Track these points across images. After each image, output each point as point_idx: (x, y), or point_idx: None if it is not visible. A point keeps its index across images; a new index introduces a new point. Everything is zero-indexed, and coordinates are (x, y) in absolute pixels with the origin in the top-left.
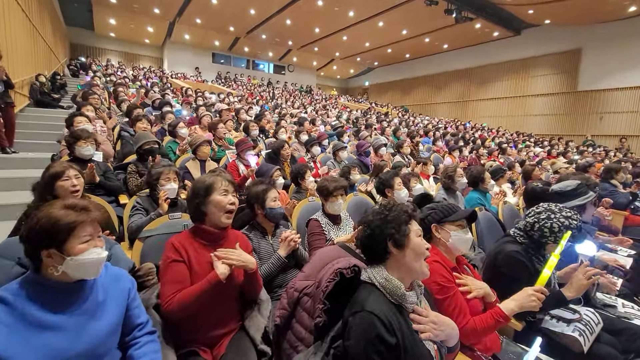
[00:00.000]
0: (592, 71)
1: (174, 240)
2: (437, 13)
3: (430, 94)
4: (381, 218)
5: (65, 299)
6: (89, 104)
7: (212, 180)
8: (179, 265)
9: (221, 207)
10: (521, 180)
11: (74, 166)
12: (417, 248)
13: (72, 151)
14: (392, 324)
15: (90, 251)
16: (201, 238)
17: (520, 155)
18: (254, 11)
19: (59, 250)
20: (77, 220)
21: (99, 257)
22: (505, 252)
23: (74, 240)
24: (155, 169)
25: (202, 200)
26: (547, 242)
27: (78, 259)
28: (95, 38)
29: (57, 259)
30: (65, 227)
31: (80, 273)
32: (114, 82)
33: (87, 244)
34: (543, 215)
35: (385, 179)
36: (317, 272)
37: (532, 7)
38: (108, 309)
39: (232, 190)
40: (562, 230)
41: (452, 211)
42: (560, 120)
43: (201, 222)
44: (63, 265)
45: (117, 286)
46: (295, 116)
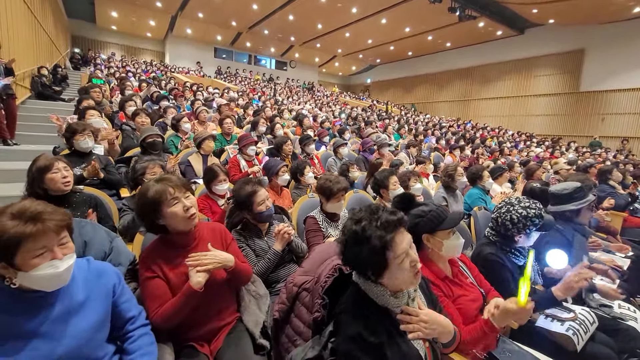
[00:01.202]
0: (594, 72)
1: (144, 255)
2: (441, 11)
3: (432, 93)
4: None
5: (38, 304)
6: (87, 98)
7: (155, 194)
8: (154, 281)
9: (180, 218)
10: (522, 179)
11: (61, 158)
12: (404, 270)
13: (71, 145)
14: (374, 324)
15: (43, 266)
16: (171, 246)
17: (521, 155)
18: (256, 6)
19: (10, 265)
20: (24, 233)
21: (55, 271)
22: (482, 255)
23: (24, 254)
24: (140, 164)
25: (154, 216)
26: (513, 234)
27: (29, 274)
28: (96, 31)
29: (11, 272)
30: (10, 242)
31: (40, 286)
32: (113, 74)
33: (40, 257)
34: (503, 209)
35: (379, 178)
36: (316, 267)
37: (536, 7)
38: (90, 307)
39: (184, 191)
40: (520, 221)
41: (442, 219)
42: (561, 121)
43: (165, 232)
44: (18, 279)
45: (100, 282)
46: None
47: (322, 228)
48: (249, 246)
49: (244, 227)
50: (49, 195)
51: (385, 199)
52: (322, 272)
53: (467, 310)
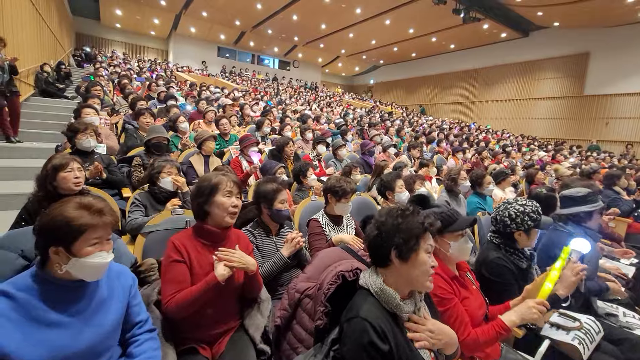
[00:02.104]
0: (599, 75)
1: (175, 239)
2: (445, 12)
3: (435, 94)
4: (393, 223)
5: (68, 296)
6: (92, 96)
7: (218, 181)
8: (180, 266)
9: (224, 209)
10: (524, 183)
11: (76, 159)
12: (422, 266)
13: (73, 144)
14: (385, 331)
15: (95, 254)
16: (203, 237)
17: (524, 158)
18: (260, 6)
19: (66, 250)
20: (89, 223)
21: (103, 261)
22: (487, 260)
23: (82, 242)
24: (159, 162)
25: (205, 200)
26: (512, 231)
27: (83, 260)
28: (101, 28)
29: (63, 257)
30: (77, 229)
31: (83, 275)
32: (118, 73)
33: (94, 247)
34: (502, 208)
35: (386, 180)
36: (319, 273)
37: (541, 9)
38: (111, 306)
39: (237, 192)
40: (518, 216)
41: (452, 220)
42: (565, 125)
43: (203, 221)
44: (67, 265)
45: (120, 283)
46: (299, 112)
47: (325, 231)
48: (257, 246)
49: (255, 227)
50: (58, 194)
51: (391, 201)
52: (325, 278)
53: (473, 315)
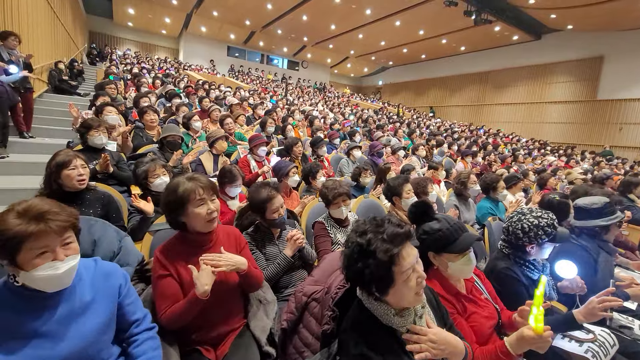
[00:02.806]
0: (613, 80)
1: (158, 252)
2: (456, 14)
3: (445, 96)
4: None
5: (43, 304)
6: (103, 94)
7: (185, 192)
8: (166, 280)
9: (201, 219)
10: (535, 188)
11: (80, 155)
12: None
13: (84, 140)
14: (378, 343)
15: (44, 266)
16: (188, 245)
17: (535, 163)
18: (270, 6)
19: (11, 263)
20: (26, 232)
21: (55, 272)
22: (496, 270)
23: (25, 253)
24: (140, 168)
25: (179, 213)
26: (524, 244)
27: (30, 274)
28: (113, 27)
29: (13, 270)
30: (13, 240)
31: (40, 287)
32: (129, 70)
33: (41, 257)
34: (514, 219)
35: (393, 185)
36: (327, 277)
37: (554, 12)
38: (96, 308)
39: (211, 194)
40: (532, 229)
41: (451, 239)
42: (577, 129)
43: (184, 230)
44: (20, 277)
45: (107, 283)
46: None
47: (330, 233)
48: (260, 250)
49: (256, 230)
50: (63, 191)
51: (398, 207)
52: (332, 282)
53: (481, 328)
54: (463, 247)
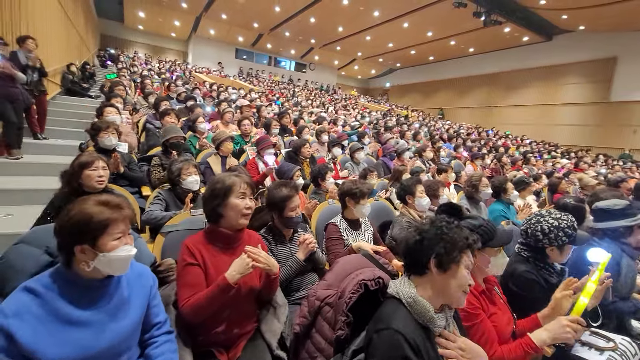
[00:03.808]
0: (627, 81)
1: (188, 242)
2: (465, 16)
3: (453, 98)
4: (437, 232)
5: (92, 295)
6: (115, 95)
7: (232, 182)
8: (194, 269)
9: (238, 211)
10: (547, 192)
11: (102, 157)
12: (461, 280)
13: (95, 142)
14: (418, 345)
15: (121, 248)
16: (217, 240)
17: (546, 166)
18: (279, 8)
19: (92, 247)
20: (110, 218)
21: (129, 254)
22: (516, 274)
23: (106, 237)
24: (175, 165)
25: (219, 202)
26: (544, 246)
27: (110, 255)
28: (124, 30)
29: (90, 254)
30: (99, 224)
31: (111, 269)
32: (138, 73)
33: (118, 241)
34: (533, 220)
35: (406, 185)
36: (340, 281)
37: (566, 13)
38: (132, 305)
39: (250, 193)
40: (552, 231)
41: (492, 235)
42: (589, 132)
43: (216, 223)
44: (95, 261)
45: (140, 283)
46: (315, 115)
47: (343, 236)
48: (272, 252)
49: (268, 231)
50: (82, 191)
51: (411, 206)
52: (346, 286)
53: (501, 331)
54: (504, 240)
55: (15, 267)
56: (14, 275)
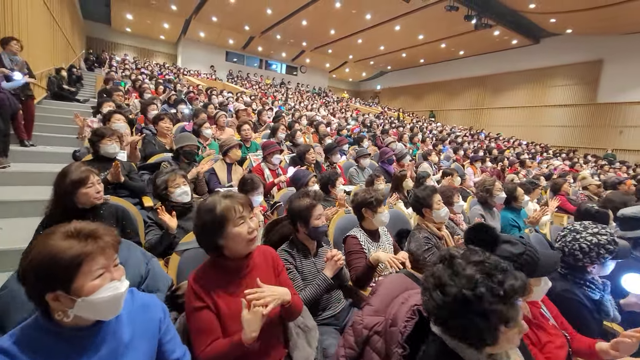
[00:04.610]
0: (613, 83)
1: (192, 281)
2: (457, 19)
3: (444, 101)
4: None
5: (81, 346)
6: (106, 100)
7: (223, 209)
8: (203, 313)
9: (241, 240)
10: (549, 194)
11: (93, 170)
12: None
13: (96, 149)
14: None
15: (105, 287)
16: (223, 271)
17: (541, 167)
18: (270, 11)
19: (66, 292)
20: (83, 252)
21: (117, 292)
22: (554, 292)
23: (83, 278)
24: (160, 178)
25: (216, 236)
26: (585, 265)
27: (91, 299)
28: (111, 33)
29: (66, 302)
30: (70, 263)
31: (98, 314)
32: (128, 76)
33: (100, 278)
34: (569, 238)
35: (422, 197)
36: (386, 305)
37: (554, 16)
38: (136, 349)
39: (249, 211)
40: (592, 249)
41: (536, 262)
42: (577, 133)
43: (219, 254)
44: (74, 309)
45: (146, 317)
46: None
47: (364, 249)
48: (297, 268)
49: (291, 246)
50: (76, 208)
51: (428, 219)
52: (396, 312)
53: (557, 357)
54: (551, 268)
55: (20, 298)
56: (18, 307)
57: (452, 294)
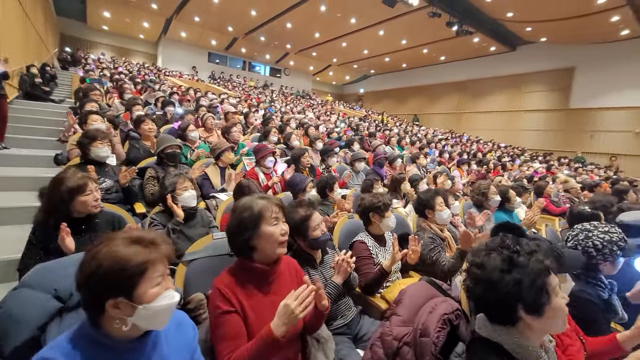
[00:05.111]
0: (584, 90)
1: (220, 284)
2: (439, 25)
3: (426, 104)
4: (514, 281)
5: (125, 359)
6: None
7: (261, 208)
8: (232, 317)
9: (274, 240)
10: (533, 196)
11: (90, 176)
12: (559, 313)
13: (86, 153)
14: None
15: (164, 295)
16: (251, 277)
17: (522, 170)
18: (255, 12)
19: (129, 299)
20: (149, 260)
21: (172, 301)
22: (570, 293)
23: (146, 284)
24: (169, 179)
25: (251, 234)
26: (598, 262)
27: (152, 306)
28: (87, 30)
29: (127, 309)
30: (137, 269)
31: (153, 323)
32: (109, 76)
33: (159, 286)
34: (581, 236)
35: (425, 199)
36: (413, 315)
37: (530, 25)
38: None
39: (282, 215)
40: (606, 246)
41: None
42: (552, 136)
43: (248, 257)
44: (133, 317)
45: (180, 335)
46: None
47: (373, 254)
48: None
49: (296, 256)
50: (70, 217)
51: (431, 220)
52: (426, 322)
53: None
54: (576, 265)
55: (17, 318)
56: (16, 328)
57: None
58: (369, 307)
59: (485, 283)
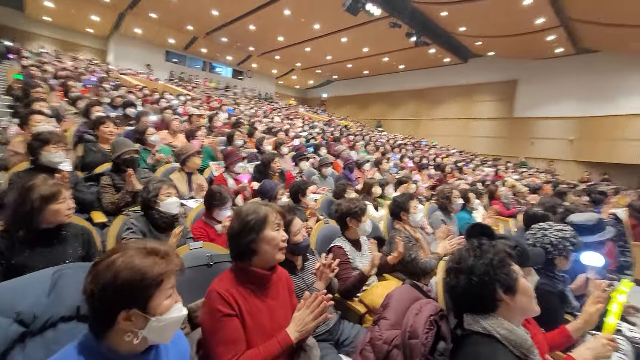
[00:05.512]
0: (525, 100)
1: (219, 288)
2: (399, 35)
3: (387, 110)
4: (487, 263)
5: None
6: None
7: (266, 212)
8: (232, 321)
9: (275, 245)
10: (487, 200)
11: (62, 183)
12: (527, 290)
13: (36, 157)
14: None
15: (175, 308)
16: (248, 282)
17: (475, 174)
18: (216, 12)
19: (143, 310)
20: (166, 271)
21: (181, 314)
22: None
23: (160, 296)
24: (153, 184)
25: (253, 237)
26: (554, 257)
27: (164, 318)
28: (25, 20)
29: (139, 321)
30: (154, 280)
31: (162, 336)
32: (53, 73)
33: (170, 299)
34: (539, 235)
35: (400, 202)
36: (401, 318)
37: (480, 39)
38: None
39: (283, 223)
40: (560, 242)
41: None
42: (499, 143)
43: (246, 262)
44: (145, 329)
45: (177, 350)
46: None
47: (350, 259)
48: None
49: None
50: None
51: (405, 221)
52: (413, 324)
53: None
54: (539, 261)
55: None
56: None
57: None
58: (347, 311)
59: (466, 271)
